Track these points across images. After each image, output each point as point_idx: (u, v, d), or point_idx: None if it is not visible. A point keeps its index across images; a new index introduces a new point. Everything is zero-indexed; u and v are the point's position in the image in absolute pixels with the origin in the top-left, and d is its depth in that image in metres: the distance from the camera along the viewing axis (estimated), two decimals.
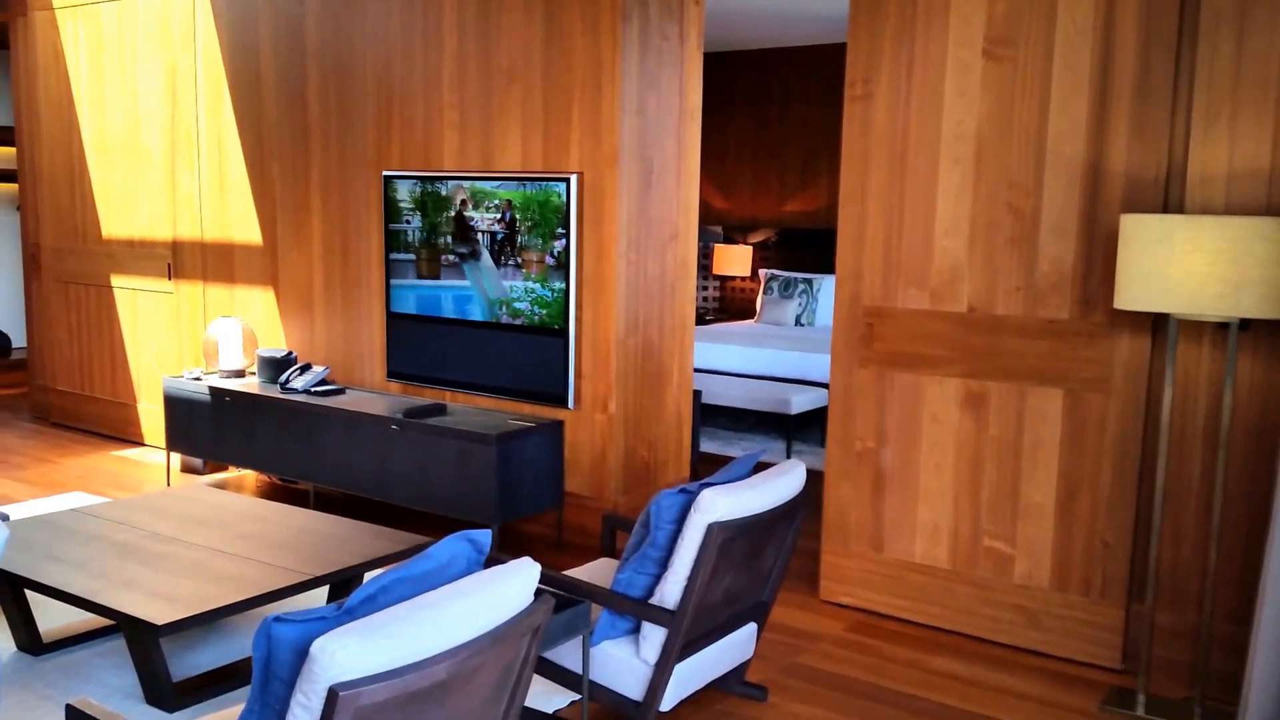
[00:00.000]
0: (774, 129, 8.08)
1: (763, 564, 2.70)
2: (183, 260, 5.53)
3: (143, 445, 5.81)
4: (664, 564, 2.53)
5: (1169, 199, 3.04)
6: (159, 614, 2.55)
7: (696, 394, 4.71)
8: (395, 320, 4.71)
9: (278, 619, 1.69)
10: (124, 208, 5.76)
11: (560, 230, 4.12)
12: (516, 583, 1.85)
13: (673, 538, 2.52)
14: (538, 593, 2.51)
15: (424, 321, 4.61)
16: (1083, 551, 3.23)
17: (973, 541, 3.41)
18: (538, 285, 4.23)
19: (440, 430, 4.08)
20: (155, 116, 5.52)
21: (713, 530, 2.41)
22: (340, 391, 4.70)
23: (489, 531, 1.97)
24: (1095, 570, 3.21)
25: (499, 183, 4.28)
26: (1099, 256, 3.13)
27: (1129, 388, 3.12)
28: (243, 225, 5.26)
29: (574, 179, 4.07)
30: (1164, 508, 2.97)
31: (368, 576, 3.22)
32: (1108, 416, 3.15)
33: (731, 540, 2.46)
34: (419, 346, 4.65)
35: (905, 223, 3.43)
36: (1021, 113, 3.21)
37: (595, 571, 2.96)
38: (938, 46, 3.32)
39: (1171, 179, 3.03)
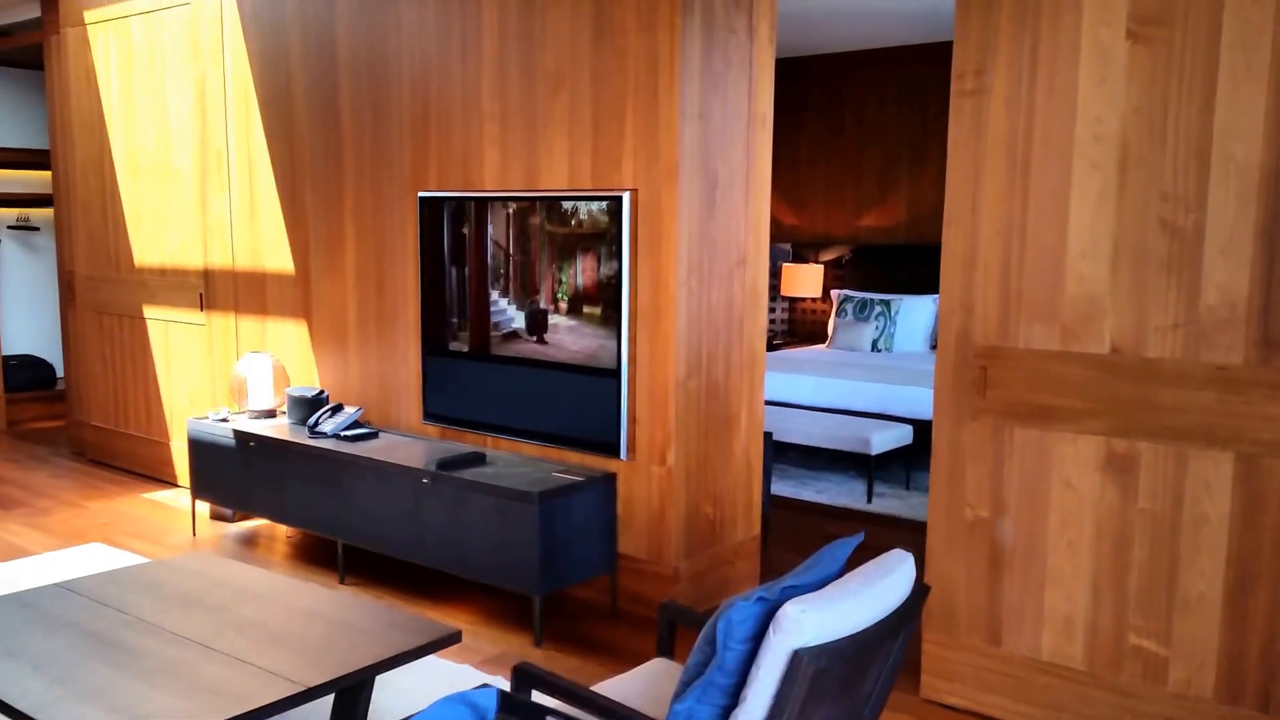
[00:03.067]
0: (849, 138, 7.45)
1: (862, 688, 2.11)
2: (214, 290, 5.16)
3: (176, 487, 5.45)
4: (734, 693, 1.96)
5: None
6: None
7: (767, 436, 4.13)
8: (432, 356, 4.24)
9: None
10: (155, 233, 5.42)
11: (612, 255, 3.59)
12: None
13: (745, 660, 1.95)
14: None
15: (463, 358, 4.12)
16: (1259, 656, 2.56)
17: (1116, 638, 2.76)
18: (586, 318, 3.70)
19: (476, 485, 3.57)
20: (185, 135, 5.17)
21: (800, 660, 1.83)
22: (373, 435, 4.24)
23: (493, 690, 1.44)
24: (1276, 681, 2.54)
25: (545, 203, 3.78)
26: None
27: None
28: (274, 252, 4.86)
29: (626, 197, 3.54)
30: None
31: (379, 681, 2.72)
32: None
33: (824, 670, 1.87)
34: (458, 386, 4.16)
35: (1029, 243, 2.81)
36: (1178, 106, 2.57)
37: (650, 679, 2.41)
38: (1070, 27, 2.70)
39: None
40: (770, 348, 7.27)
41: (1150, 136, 2.62)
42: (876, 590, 2.03)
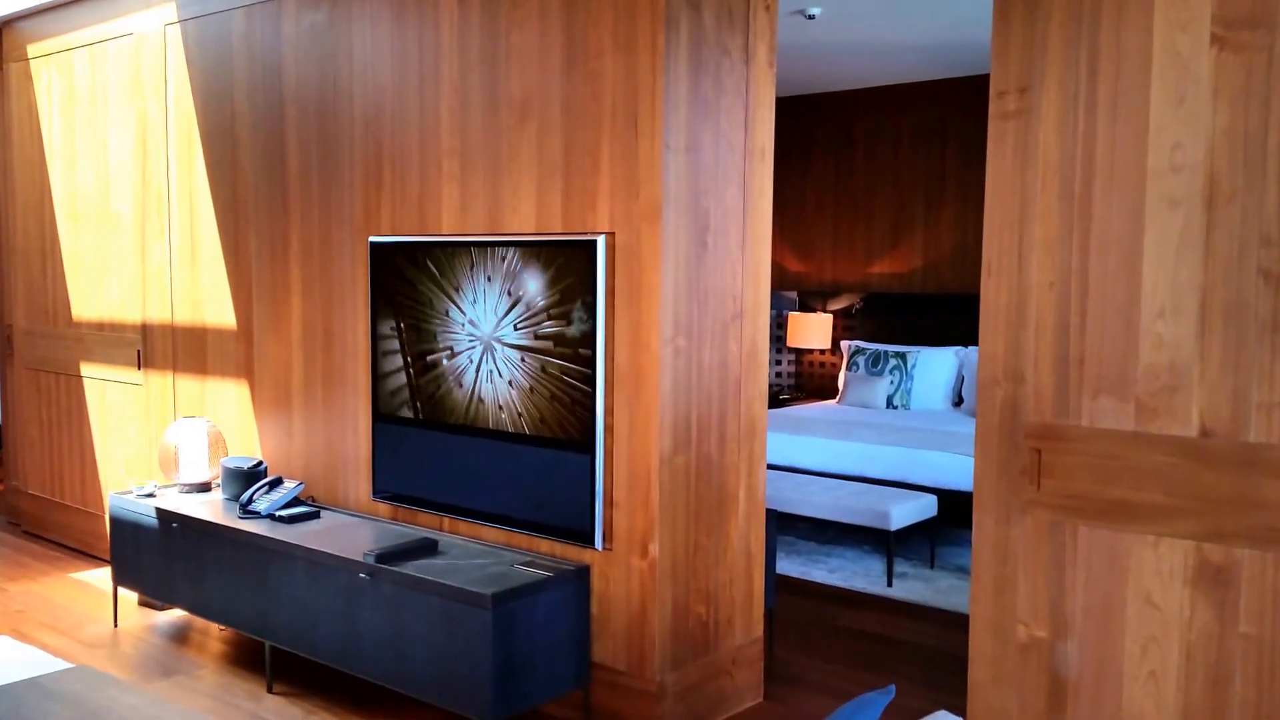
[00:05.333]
0: (859, 179, 6.96)
1: None
2: (153, 346, 4.64)
3: (109, 565, 4.87)
4: None
5: None
6: None
7: (770, 515, 3.56)
8: (383, 423, 3.69)
9: None
10: (94, 284, 4.92)
11: (584, 310, 3.06)
12: None
13: None
14: None
15: (417, 426, 3.57)
16: None
17: None
18: (555, 382, 3.16)
19: (420, 582, 3.00)
20: (125, 176, 4.69)
21: None
22: (314, 515, 3.68)
23: None
24: None
25: (508, 248, 3.26)
26: None
27: None
28: (215, 304, 4.35)
29: (602, 241, 3.02)
30: None
31: None
32: None
33: None
34: (411, 458, 3.61)
35: (1092, 298, 2.27)
36: None
37: None
38: (1138, 34, 2.19)
39: None
40: (776, 403, 6.70)
41: (1245, 166, 2.09)
42: None
